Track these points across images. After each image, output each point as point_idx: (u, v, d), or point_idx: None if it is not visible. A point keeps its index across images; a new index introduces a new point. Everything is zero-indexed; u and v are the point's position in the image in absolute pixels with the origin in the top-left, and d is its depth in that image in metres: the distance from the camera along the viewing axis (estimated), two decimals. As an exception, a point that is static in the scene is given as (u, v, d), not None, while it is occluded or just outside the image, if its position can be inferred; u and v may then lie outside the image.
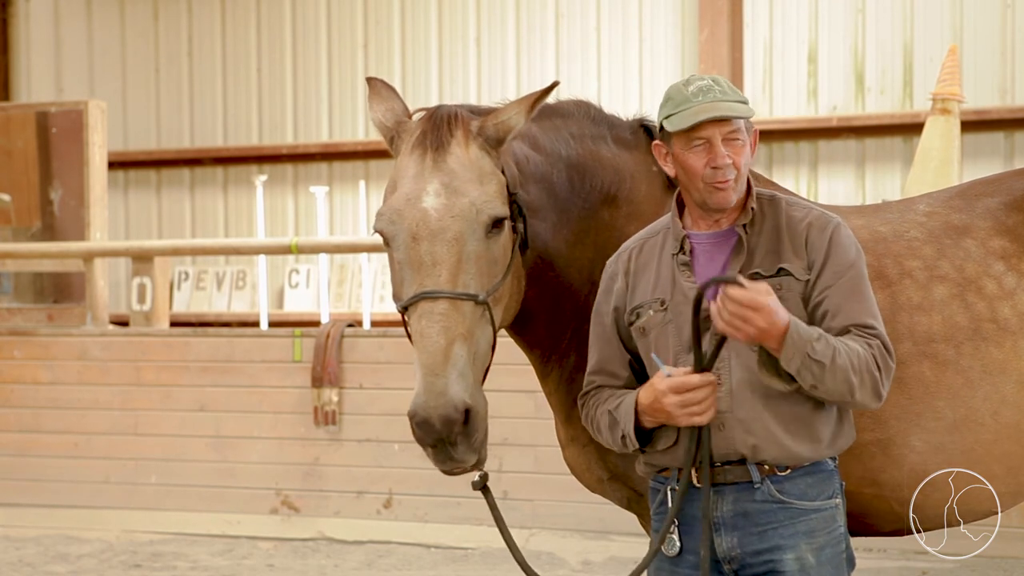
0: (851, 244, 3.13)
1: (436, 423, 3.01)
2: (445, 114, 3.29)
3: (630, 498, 3.67)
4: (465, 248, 3.15)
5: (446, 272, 3.12)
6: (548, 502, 7.44)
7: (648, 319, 3.16)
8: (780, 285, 3.04)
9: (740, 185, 3.10)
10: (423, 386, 3.03)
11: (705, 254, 3.15)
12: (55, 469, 8.37)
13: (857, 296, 3.07)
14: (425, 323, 3.09)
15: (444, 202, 3.16)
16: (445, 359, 3.05)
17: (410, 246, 3.15)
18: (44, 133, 9.49)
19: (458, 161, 3.22)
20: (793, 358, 2.92)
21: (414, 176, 3.21)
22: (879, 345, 3.02)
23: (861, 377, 2.97)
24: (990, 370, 3.52)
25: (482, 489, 3.34)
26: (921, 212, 3.75)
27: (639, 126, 3.74)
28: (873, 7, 9.96)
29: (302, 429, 7.91)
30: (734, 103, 3.06)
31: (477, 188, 3.20)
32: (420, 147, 3.24)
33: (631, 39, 10.62)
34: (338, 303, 11.13)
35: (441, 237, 3.13)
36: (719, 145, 3.06)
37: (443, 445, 3.06)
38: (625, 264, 3.26)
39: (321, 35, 11.55)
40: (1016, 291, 3.58)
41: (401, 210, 3.18)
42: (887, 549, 6.65)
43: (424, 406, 3.02)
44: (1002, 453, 3.52)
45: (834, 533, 3.11)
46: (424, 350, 3.07)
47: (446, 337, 3.07)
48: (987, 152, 9.67)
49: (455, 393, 3.04)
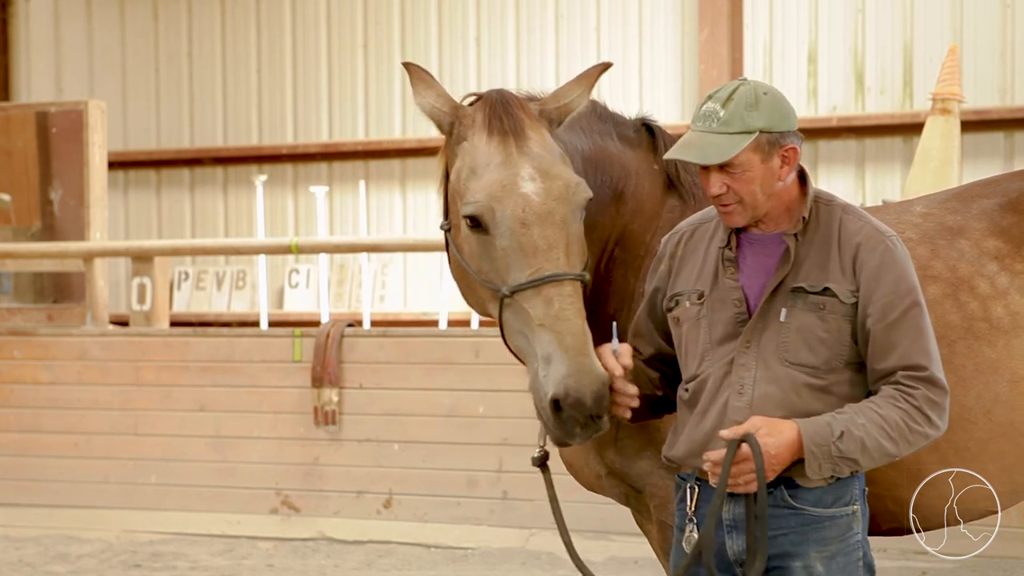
0: (905, 266, 3.03)
1: (589, 400, 3.04)
2: (510, 98, 3.32)
3: (628, 494, 3.67)
4: (570, 230, 3.22)
5: (563, 255, 3.17)
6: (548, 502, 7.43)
7: (684, 310, 3.15)
8: (824, 305, 3.00)
9: (753, 208, 3.04)
10: (573, 367, 3.04)
11: (753, 255, 3.10)
12: (55, 469, 8.37)
13: (909, 333, 2.98)
14: (559, 306, 3.11)
15: (543, 186, 3.20)
16: (586, 338, 3.10)
17: (518, 231, 3.16)
18: (44, 133, 9.49)
19: (539, 145, 3.27)
20: (821, 466, 2.91)
21: (502, 162, 3.23)
22: (923, 394, 2.96)
23: (901, 444, 2.94)
24: (983, 369, 3.52)
25: (541, 466, 3.40)
26: (917, 214, 3.75)
27: (641, 125, 3.75)
28: (873, 7, 9.96)
29: (302, 429, 7.91)
30: (725, 136, 2.97)
31: (566, 171, 3.26)
32: (499, 132, 3.26)
33: (631, 39, 10.62)
34: (338, 303, 11.13)
35: (549, 221, 3.18)
36: (713, 173, 3.02)
37: (591, 421, 3.09)
38: (673, 247, 3.24)
39: (321, 35, 11.55)
40: (1009, 291, 3.59)
41: (499, 196, 3.19)
42: (887, 549, 6.64)
43: (578, 387, 3.04)
44: (996, 451, 3.52)
45: (849, 541, 3.05)
46: (568, 332, 3.08)
47: (581, 318, 3.12)
48: (987, 152, 9.66)
49: (600, 371, 3.08)
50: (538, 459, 3.40)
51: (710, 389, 3.07)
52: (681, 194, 3.69)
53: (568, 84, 3.44)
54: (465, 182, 3.28)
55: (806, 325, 3.00)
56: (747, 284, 3.08)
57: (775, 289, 3.04)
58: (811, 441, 2.88)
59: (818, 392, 3.00)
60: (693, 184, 3.68)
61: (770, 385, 3.00)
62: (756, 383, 3.01)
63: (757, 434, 2.89)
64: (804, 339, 3.00)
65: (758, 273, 3.08)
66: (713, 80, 9.90)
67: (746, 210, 3.04)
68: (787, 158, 3.03)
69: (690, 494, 3.11)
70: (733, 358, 3.05)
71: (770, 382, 3.01)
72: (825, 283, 3.01)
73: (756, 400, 3.00)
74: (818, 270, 3.03)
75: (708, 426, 3.05)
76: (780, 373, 3.00)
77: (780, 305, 3.03)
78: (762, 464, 2.88)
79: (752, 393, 3.01)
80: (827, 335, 3.00)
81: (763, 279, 3.06)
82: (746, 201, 3.02)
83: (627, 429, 3.54)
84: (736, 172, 3.00)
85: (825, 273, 3.02)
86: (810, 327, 3.00)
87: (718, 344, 3.07)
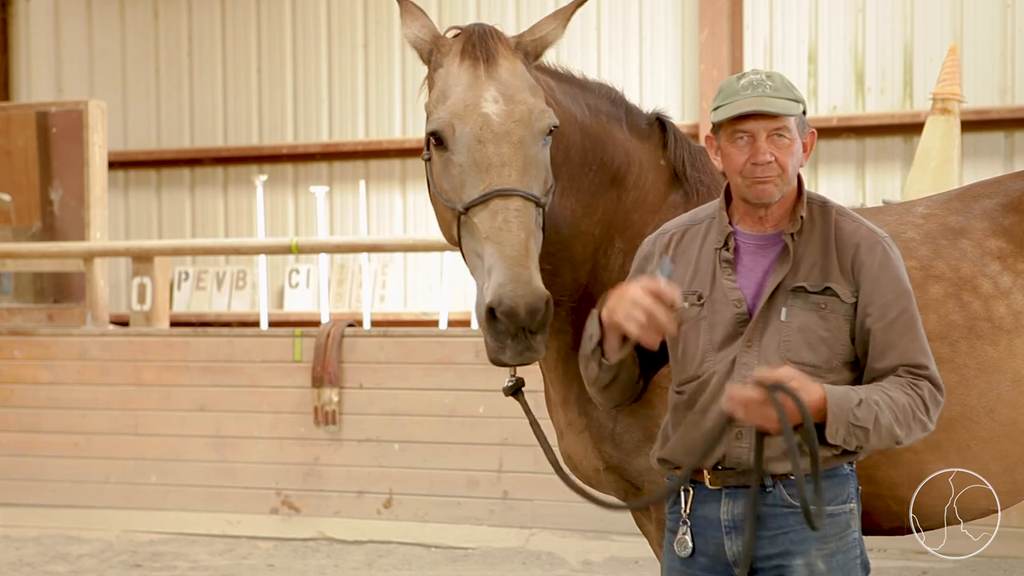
0: (900, 268, 3.08)
1: (522, 311, 3.06)
2: (487, 29, 3.39)
3: (627, 491, 3.65)
4: (527, 151, 3.25)
5: (515, 172, 3.21)
6: (548, 502, 7.43)
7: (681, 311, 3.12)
8: (825, 304, 3.01)
9: (786, 184, 3.04)
10: (508, 276, 3.08)
11: (749, 255, 3.10)
12: (55, 469, 8.37)
13: (908, 332, 3.02)
14: (502, 218, 3.15)
15: (504, 108, 3.26)
16: (526, 251, 3.13)
17: (475, 148, 3.23)
18: (44, 133, 9.49)
19: (509, 72, 3.33)
20: (838, 430, 2.90)
21: (468, 84, 3.30)
22: (928, 386, 2.99)
23: (907, 427, 2.95)
24: (985, 368, 3.52)
25: (514, 394, 3.45)
26: (919, 214, 3.75)
27: (655, 119, 3.75)
28: (873, 7, 9.96)
29: (302, 429, 7.91)
30: (783, 100, 3.01)
31: (531, 97, 3.31)
32: (470, 58, 3.33)
33: (631, 39, 10.63)
34: (338, 303, 11.14)
35: (506, 140, 3.23)
36: (762, 140, 3.01)
37: (523, 335, 3.11)
38: (663, 247, 3.23)
39: (321, 35, 11.55)
40: (1012, 290, 3.59)
41: (461, 114, 3.26)
42: (887, 549, 6.65)
43: (512, 295, 3.07)
44: (998, 451, 3.52)
45: (847, 539, 3.06)
46: (506, 243, 3.12)
47: (525, 232, 3.15)
48: (987, 152, 9.67)
49: (538, 283, 3.11)
50: (510, 388, 3.47)
51: (712, 389, 3.06)
52: (685, 191, 3.69)
53: (545, 18, 3.50)
54: (435, 103, 3.36)
55: (807, 324, 3.01)
56: (744, 284, 3.08)
57: (775, 289, 3.03)
58: (835, 403, 2.89)
59: None
60: (699, 181, 3.68)
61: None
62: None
63: (789, 383, 2.87)
64: (805, 338, 3.01)
65: (755, 273, 3.08)
66: (713, 80, 9.90)
67: (783, 183, 3.04)
68: (807, 144, 3.10)
69: (684, 496, 3.10)
70: (735, 358, 3.04)
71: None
72: (826, 283, 3.02)
73: None
74: (817, 270, 3.04)
75: (709, 426, 3.04)
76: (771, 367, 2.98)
77: (780, 304, 3.03)
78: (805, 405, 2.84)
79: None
80: (828, 334, 3.02)
81: (761, 279, 3.06)
82: (786, 173, 3.03)
83: (625, 423, 3.53)
84: (784, 140, 3.02)
85: (825, 273, 3.03)
86: (811, 326, 3.01)
87: (719, 345, 3.06)
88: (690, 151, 3.72)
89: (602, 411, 3.56)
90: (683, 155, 3.71)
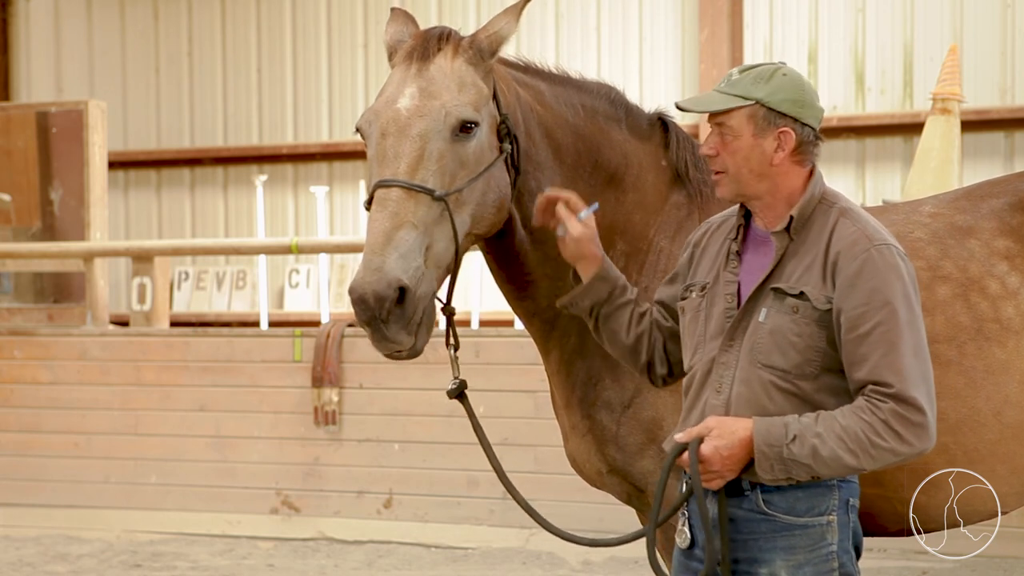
0: (886, 277, 2.90)
1: (370, 299, 3.08)
2: (437, 31, 3.44)
3: (630, 492, 3.65)
4: (428, 145, 3.26)
5: (404, 165, 3.24)
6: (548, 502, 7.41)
7: (689, 301, 3.14)
8: (797, 308, 2.93)
9: (735, 182, 3.01)
10: (362, 264, 3.12)
11: (754, 251, 3.08)
12: (55, 469, 8.37)
13: (880, 347, 2.85)
14: (375, 208, 3.20)
15: (416, 103, 3.30)
16: (387, 241, 3.13)
17: (379, 142, 3.30)
18: (44, 133, 9.49)
19: (439, 70, 3.36)
20: (772, 466, 2.85)
21: (397, 82, 3.39)
22: (891, 408, 2.82)
23: (862, 457, 2.82)
24: (993, 370, 3.49)
25: (458, 397, 3.48)
26: (926, 214, 3.73)
27: (657, 119, 3.74)
28: (873, 7, 9.96)
29: (302, 429, 7.91)
30: (720, 95, 2.99)
31: (451, 93, 3.32)
32: (408, 58, 3.40)
33: (631, 39, 10.62)
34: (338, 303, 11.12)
35: (406, 134, 3.27)
36: (713, 135, 3.03)
37: (377, 323, 3.11)
38: (699, 237, 3.24)
39: (321, 35, 11.54)
40: (1020, 291, 3.56)
41: (379, 110, 3.33)
42: (887, 549, 6.65)
43: (359, 282, 3.09)
44: (1006, 453, 3.50)
45: (820, 551, 2.96)
46: (370, 231, 3.17)
47: (392, 222, 3.16)
48: (987, 152, 9.66)
49: (390, 270, 3.10)
50: (453, 391, 3.50)
51: (696, 387, 3.07)
52: (688, 191, 3.68)
53: (498, 15, 3.50)
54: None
55: (779, 327, 2.95)
56: (744, 280, 3.06)
57: (759, 287, 3.00)
58: (763, 441, 2.85)
59: (790, 396, 2.93)
60: (702, 182, 3.66)
61: (743, 385, 2.97)
62: (734, 382, 2.98)
63: (708, 436, 2.88)
64: (776, 341, 2.94)
65: (754, 270, 3.05)
66: (713, 80, 9.90)
67: (731, 183, 3.02)
68: (781, 142, 2.99)
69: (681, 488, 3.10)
70: (715, 356, 3.03)
71: (744, 382, 2.97)
72: (802, 286, 2.95)
73: (732, 399, 2.98)
74: (801, 272, 2.97)
75: (692, 422, 3.04)
76: (753, 374, 2.96)
77: (762, 305, 2.99)
78: (696, 470, 2.89)
79: (729, 392, 2.98)
80: (798, 339, 2.93)
81: (757, 276, 3.03)
82: (731, 172, 3.01)
83: (628, 426, 3.53)
84: (727, 137, 3.00)
85: (807, 276, 2.96)
86: (783, 330, 2.94)
87: (710, 338, 3.06)
88: (693, 151, 3.70)
89: (605, 415, 3.56)
90: (685, 156, 3.69)
